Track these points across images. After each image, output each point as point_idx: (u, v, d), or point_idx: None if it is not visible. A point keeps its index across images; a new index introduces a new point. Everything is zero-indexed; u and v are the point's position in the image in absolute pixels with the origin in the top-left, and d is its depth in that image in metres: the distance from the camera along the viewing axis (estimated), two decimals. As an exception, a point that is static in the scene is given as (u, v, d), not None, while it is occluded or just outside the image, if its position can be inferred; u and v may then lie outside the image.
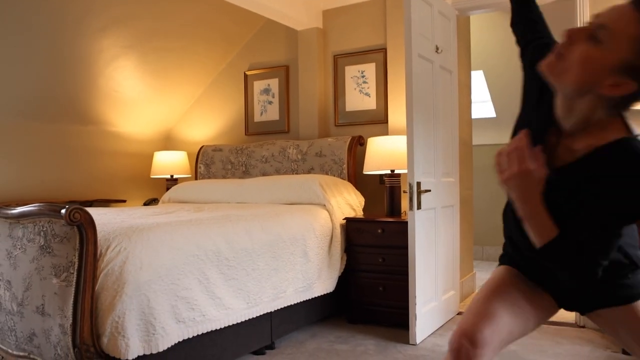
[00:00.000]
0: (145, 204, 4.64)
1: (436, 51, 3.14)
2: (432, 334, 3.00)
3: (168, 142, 5.08)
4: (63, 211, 1.93)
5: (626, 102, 1.09)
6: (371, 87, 3.97)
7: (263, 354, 2.73)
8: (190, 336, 2.23)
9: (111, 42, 3.87)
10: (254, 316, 2.57)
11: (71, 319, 1.93)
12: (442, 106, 3.25)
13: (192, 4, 3.97)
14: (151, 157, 4.81)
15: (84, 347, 1.91)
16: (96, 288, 1.98)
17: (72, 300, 1.94)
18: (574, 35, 1.07)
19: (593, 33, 1.04)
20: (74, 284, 1.95)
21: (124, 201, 4.62)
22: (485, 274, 4.80)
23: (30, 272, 2.10)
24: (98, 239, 2.05)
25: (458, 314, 3.43)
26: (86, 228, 1.96)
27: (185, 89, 4.77)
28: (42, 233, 2.09)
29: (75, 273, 1.96)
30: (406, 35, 2.82)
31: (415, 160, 2.82)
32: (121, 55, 4.02)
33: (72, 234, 1.99)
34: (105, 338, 1.95)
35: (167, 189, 4.56)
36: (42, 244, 2.08)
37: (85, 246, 1.96)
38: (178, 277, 2.20)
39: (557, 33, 1.32)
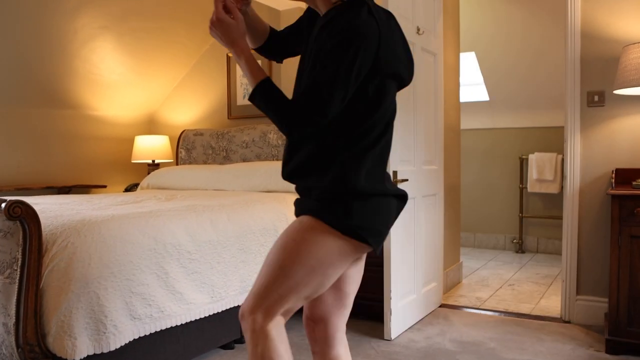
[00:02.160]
0: (126, 190, 4.54)
1: (417, 32, 2.98)
2: (410, 327, 2.91)
3: (151, 126, 4.96)
4: (3, 205, 1.82)
5: None
6: (355, 69, 3.81)
7: (232, 348, 2.65)
8: (147, 333, 2.13)
9: (85, 22, 3.71)
10: (219, 310, 2.47)
11: (14, 318, 1.83)
12: (424, 91, 3.10)
13: (167, -18, 3.80)
14: (132, 141, 4.68)
15: (28, 347, 1.82)
16: (41, 285, 1.88)
17: (15, 298, 1.84)
18: None
19: None
20: (17, 281, 1.85)
21: (104, 187, 4.51)
22: (475, 261, 4.71)
23: (-24, 267, 2.00)
24: (44, 233, 1.94)
25: (440, 306, 3.33)
26: (29, 223, 1.85)
27: (167, 71, 4.62)
28: (-14, 227, 1.98)
29: (18, 270, 1.85)
30: (383, 16, 2.65)
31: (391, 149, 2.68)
32: (97, 36, 3.87)
33: (15, 228, 1.88)
34: (51, 337, 1.85)
35: (149, 173, 4.46)
36: (-14, 238, 1.98)
37: (29, 241, 1.85)
38: (133, 273, 2.09)
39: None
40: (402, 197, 1.39)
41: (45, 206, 2.52)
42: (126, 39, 4.04)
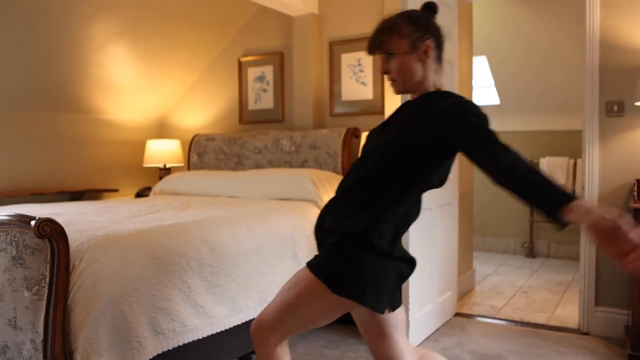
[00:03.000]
0: (138, 194, 4.55)
1: (435, 42, 2.97)
2: (427, 338, 2.91)
3: (161, 130, 4.96)
4: (32, 223, 1.82)
5: (438, 53, 1.52)
6: (368, 76, 3.81)
7: (250, 359, 2.66)
8: (170, 348, 2.14)
9: (100, 29, 3.71)
10: (239, 323, 2.47)
11: (42, 334, 1.84)
12: (441, 100, 3.10)
13: (181, -12, 3.80)
14: (144, 145, 4.69)
15: (56, 364, 1.83)
16: (68, 302, 1.89)
17: (43, 315, 1.85)
18: (382, 67, 1.54)
19: (387, 53, 1.51)
20: (45, 298, 1.86)
21: (116, 190, 4.52)
22: (486, 266, 4.72)
23: (2, 283, 2.00)
24: (71, 250, 1.95)
25: (455, 315, 3.34)
26: (57, 240, 1.85)
27: (178, 76, 4.62)
28: (13, 243, 1.99)
29: (46, 287, 1.86)
30: (402, 27, 2.64)
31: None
32: (111, 42, 3.87)
33: (43, 245, 1.89)
34: (79, 355, 1.86)
35: (161, 178, 4.47)
36: (13, 254, 1.98)
37: (57, 259, 1.86)
38: (157, 288, 2.10)
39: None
40: (411, 262, 1.52)
41: (66, 217, 2.52)
42: (139, 44, 4.04)
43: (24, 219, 1.91)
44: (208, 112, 4.70)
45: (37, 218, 1.82)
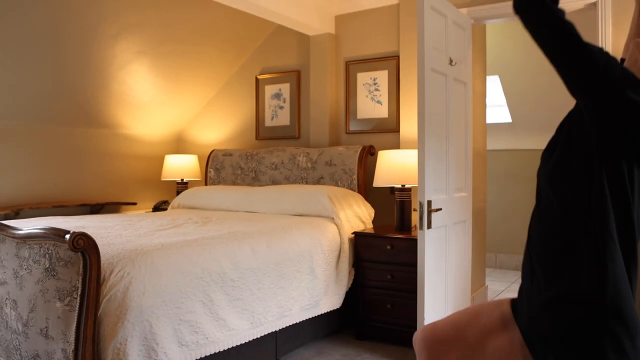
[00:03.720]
0: (155, 207, 4.65)
1: (450, 64, 3.06)
2: (440, 353, 2.95)
3: (179, 145, 5.08)
4: (67, 237, 1.91)
5: None
6: (383, 94, 3.90)
7: (268, 372, 2.72)
8: (193, 359, 2.21)
9: (124, 48, 3.85)
10: (258, 336, 2.54)
11: (73, 344, 1.92)
12: (455, 120, 3.17)
13: (203, 11, 3.93)
14: (162, 159, 4.80)
15: (86, 373, 1.91)
16: (99, 313, 1.97)
17: (74, 325, 1.93)
18: None
19: None
20: (77, 309, 1.94)
21: (135, 204, 4.63)
22: (499, 284, 4.73)
23: (35, 293, 2.10)
24: (102, 263, 2.04)
25: (468, 330, 3.37)
26: (90, 254, 1.94)
27: (197, 92, 4.75)
28: (47, 255, 2.08)
29: (78, 298, 1.95)
30: (419, 50, 2.74)
31: (427, 179, 2.75)
32: (134, 60, 4.01)
33: (76, 258, 1.98)
34: (108, 364, 1.94)
35: (178, 192, 4.57)
36: (47, 266, 2.08)
37: (89, 272, 1.95)
38: (182, 301, 2.18)
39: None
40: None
41: (92, 230, 2.61)
42: (161, 62, 4.17)
43: (59, 233, 2.01)
44: (225, 128, 4.81)
45: (71, 232, 1.91)
